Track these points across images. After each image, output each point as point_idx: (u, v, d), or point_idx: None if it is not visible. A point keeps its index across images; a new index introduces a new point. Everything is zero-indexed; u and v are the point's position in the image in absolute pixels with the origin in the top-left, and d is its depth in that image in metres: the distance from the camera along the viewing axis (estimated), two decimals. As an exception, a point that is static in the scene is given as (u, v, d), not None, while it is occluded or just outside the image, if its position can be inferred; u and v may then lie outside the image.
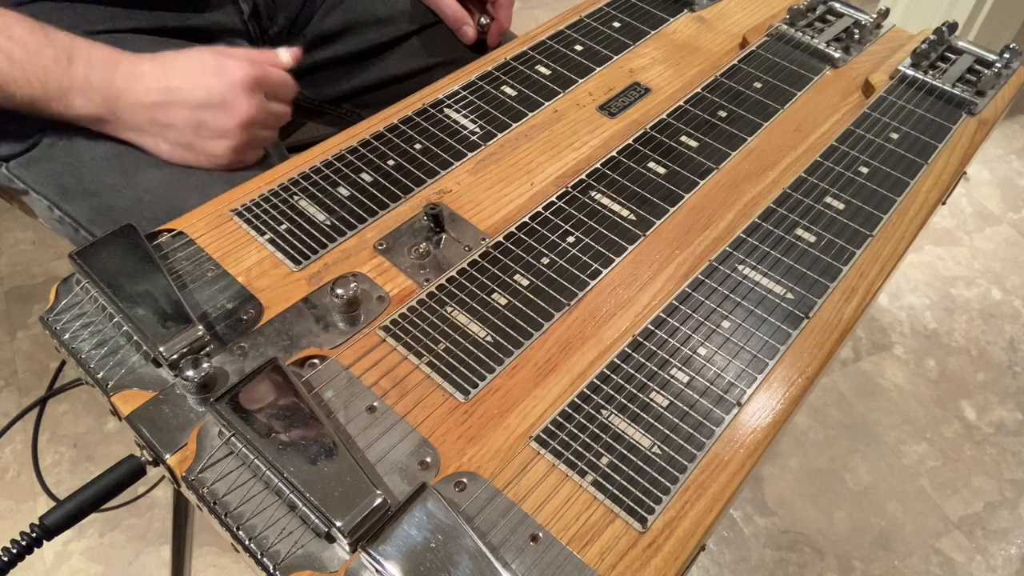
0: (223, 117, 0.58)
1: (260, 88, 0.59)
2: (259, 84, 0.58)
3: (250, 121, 0.59)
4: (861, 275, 0.54)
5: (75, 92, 0.56)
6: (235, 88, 0.57)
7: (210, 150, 0.59)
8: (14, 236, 1.41)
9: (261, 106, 0.59)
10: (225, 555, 1.05)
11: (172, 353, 0.44)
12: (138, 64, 0.57)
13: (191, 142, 0.59)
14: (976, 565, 1.11)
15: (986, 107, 0.68)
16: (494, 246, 0.53)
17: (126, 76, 0.57)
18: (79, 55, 0.56)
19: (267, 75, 0.59)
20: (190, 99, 0.57)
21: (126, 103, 0.57)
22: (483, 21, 0.79)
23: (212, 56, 0.58)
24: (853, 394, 1.29)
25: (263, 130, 0.61)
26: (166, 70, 0.57)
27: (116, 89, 0.56)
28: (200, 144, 0.59)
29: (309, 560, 0.39)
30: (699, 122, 0.64)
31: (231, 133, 0.58)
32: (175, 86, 0.57)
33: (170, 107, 0.57)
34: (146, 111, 0.57)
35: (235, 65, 0.58)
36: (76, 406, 1.19)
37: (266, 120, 0.61)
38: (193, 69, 0.57)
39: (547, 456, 0.43)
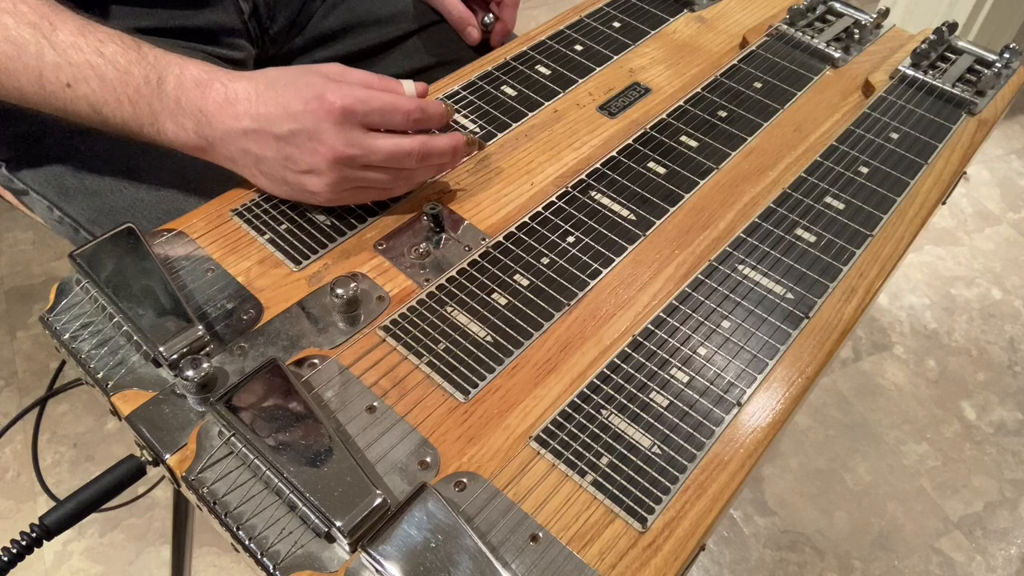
0: (308, 152, 0.50)
1: (353, 119, 0.50)
2: (351, 115, 0.50)
3: (338, 158, 0.50)
4: (861, 275, 0.54)
5: (166, 116, 0.51)
6: (321, 118, 0.49)
7: (305, 186, 0.52)
8: (14, 236, 1.41)
9: (353, 141, 0.50)
10: (225, 555, 1.05)
11: (172, 353, 0.44)
12: (232, 84, 0.51)
13: (284, 177, 0.52)
14: (976, 565, 1.11)
15: (986, 107, 0.68)
16: (494, 246, 0.53)
17: (218, 99, 0.51)
18: (169, 74, 0.51)
19: (367, 105, 0.51)
20: (277, 130, 0.50)
21: (217, 130, 0.51)
22: (487, 20, 0.79)
23: (312, 79, 0.51)
24: (853, 394, 1.29)
25: (364, 170, 0.52)
26: (260, 92, 0.51)
27: (207, 114, 0.50)
28: (294, 179, 0.52)
29: (309, 560, 0.39)
30: (699, 122, 0.64)
31: (320, 170, 0.51)
32: (264, 113, 0.50)
33: (259, 137, 0.50)
34: (237, 140, 0.51)
35: (331, 91, 0.50)
36: (76, 406, 1.19)
37: (364, 157, 0.51)
38: (286, 94, 0.50)
39: (547, 456, 0.43)
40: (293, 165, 0.51)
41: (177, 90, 0.51)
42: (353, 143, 0.50)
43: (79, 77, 0.50)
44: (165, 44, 0.67)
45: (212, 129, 0.51)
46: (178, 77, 0.51)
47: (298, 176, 0.51)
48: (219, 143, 0.51)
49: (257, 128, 0.50)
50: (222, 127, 0.50)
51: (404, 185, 0.55)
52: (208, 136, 0.51)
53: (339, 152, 0.50)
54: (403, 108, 0.52)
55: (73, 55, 0.50)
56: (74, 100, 0.51)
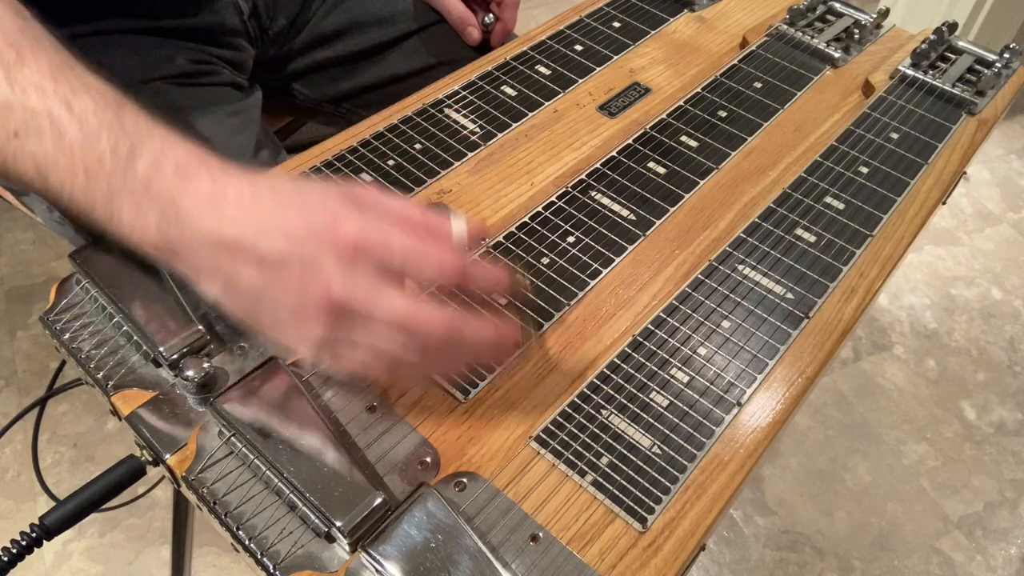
0: (295, 287, 0.37)
1: (367, 259, 0.37)
2: (364, 251, 0.36)
3: (333, 304, 0.36)
4: (861, 275, 0.54)
5: (125, 198, 0.38)
6: (324, 247, 0.36)
7: (282, 329, 0.39)
8: (14, 236, 1.41)
9: (357, 286, 0.36)
10: (225, 555, 1.05)
11: (172, 353, 0.44)
12: (224, 179, 0.38)
13: (257, 312, 0.39)
14: (976, 565, 1.11)
15: (986, 107, 0.68)
16: (494, 246, 0.53)
17: (200, 194, 0.38)
18: (146, 148, 0.39)
19: (388, 242, 0.37)
20: (264, 248, 0.36)
21: (187, 233, 0.38)
22: (487, 20, 0.79)
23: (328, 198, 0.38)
24: (853, 394, 1.29)
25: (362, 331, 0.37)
26: (255, 197, 0.38)
27: (180, 210, 0.37)
28: (269, 318, 0.39)
29: (309, 560, 0.39)
30: (699, 122, 0.64)
31: (306, 314, 0.37)
32: (253, 224, 0.37)
33: (239, 253, 0.37)
34: (209, 252, 0.37)
35: (347, 217, 0.37)
36: (76, 406, 1.19)
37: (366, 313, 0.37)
38: (289, 207, 0.37)
39: (547, 456, 0.43)
40: (273, 300, 0.38)
41: (151, 170, 0.38)
42: (357, 289, 0.36)
43: (32, 127, 0.38)
44: (164, 44, 0.67)
45: (181, 230, 0.37)
46: (156, 155, 0.39)
47: (275, 316, 0.38)
48: (185, 250, 0.38)
49: (238, 241, 0.37)
50: (195, 230, 0.37)
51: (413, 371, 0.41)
52: (173, 238, 0.38)
53: (336, 296, 0.36)
54: (435, 259, 0.37)
55: (32, 98, 0.38)
56: (17, 156, 0.39)
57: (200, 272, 0.39)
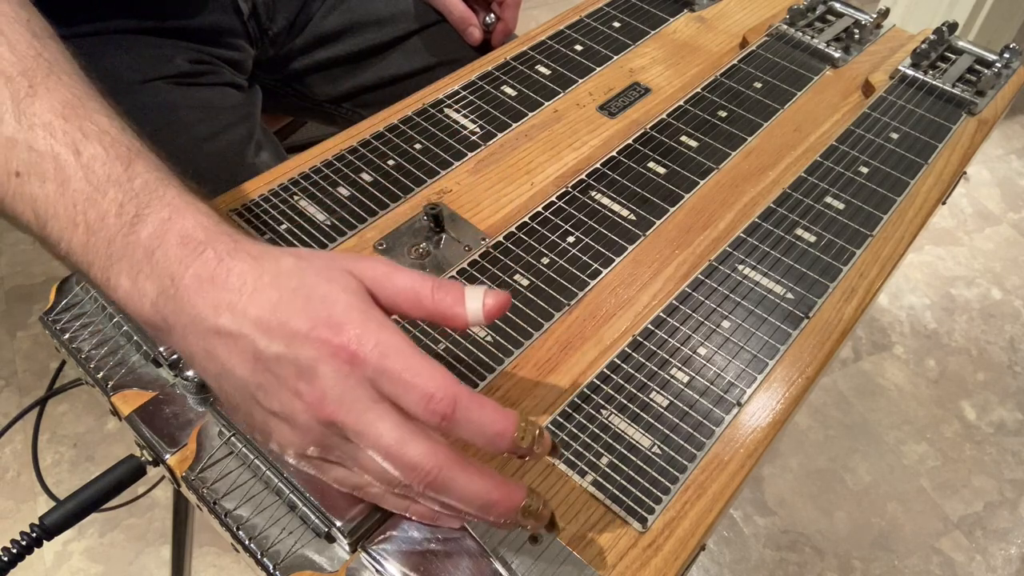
0: (288, 391, 0.34)
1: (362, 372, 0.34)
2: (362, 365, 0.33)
3: (323, 417, 0.34)
4: (861, 275, 0.54)
5: (124, 267, 0.36)
6: (317, 349, 0.33)
7: (270, 431, 0.37)
8: (14, 236, 1.41)
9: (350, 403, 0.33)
10: (225, 555, 1.05)
11: (172, 353, 0.44)
12: (230, 259, 0.35)
13: (248, 408, 0.37)
14: (976, 565, 1.11)
15: (986, 107, 0.68)
16: (494, 246, 0.53)
17: (202, 272, 0.35)
18: (153, 213, 0.36)
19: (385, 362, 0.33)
20: (259, 347, 0.34)
21: (184, 314, 0.35)
22: (488, 20, 0.79)
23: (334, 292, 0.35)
24: (853, 394, 1.29)
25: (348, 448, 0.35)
26: (260, 285, 0.35)
27: (180, 287, 0.35)
28: (259, 417, 0.36)
29: (309, 560, 0.39)
30: (699, 122, 0.64)
31: (295, 422, 0.35)
32: (254, 316, 0.34)
33: (235, 344, 0.35)
34: (204, 337, 0.35)
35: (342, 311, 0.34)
36: (76, 406, 1.19)
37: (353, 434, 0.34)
38: (293, 301, 0.34)
39: (547, 456, 0.43)
40: (264, 399, 0.35)
41: (154, 239, 0.36)
42: (350, 407, 0.33)
43: (35, 170, 0.36)
44: (163, 45, 0.67)
45: (177, 309, 0.35)
46: (162, 224, 0.36)
47: (266, 416, 0.36)
48: (178, 328, 0.36)
49: (236, 332, 0.34)
50: (192, 314, 0.35)
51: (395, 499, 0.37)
52: (168, 317, 0.36)
53: (327, 411, 0.33)
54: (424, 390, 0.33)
55: (40, 138, 0.36)
56: (16, 196, 0.37)
57: (193, 355, 0.37)
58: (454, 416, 0.33)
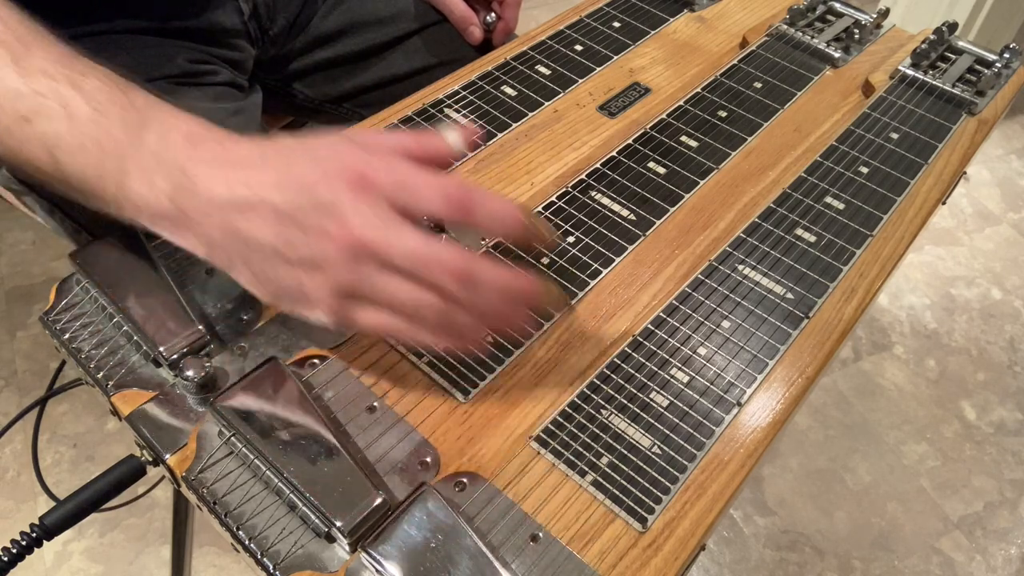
0: (315, 233, 0.36)
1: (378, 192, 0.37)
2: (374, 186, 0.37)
3: (354, 244, 0.36)
4: (861, 275, 0.54)
5: (137, 171, 0.39)
6: (339, 188, 0.36)
7: (303, 286, 0.38)
8: (14, 236, 1.41)
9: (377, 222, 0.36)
10: (225, 555, 1.05)
11: (172, 353, 0.44)
12: (230, 144, 0.39)
13: (277, 273, 0.38)
14: (976, 565, 1.11)
15: (986, 107, 0.68)
16: (494, 246, 0.53)
17: (207, 159, 0.38)
18: (155, 121, 0.39)
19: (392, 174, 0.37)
20: (279, 200, 0.36)
21: (199, 198, 0.38)
22: (489, 20, 0.79)
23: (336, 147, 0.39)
24: (853, 394, 1.29)
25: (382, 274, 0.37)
26: (265, 157, 0.38)
27: (191, 175, 0.38)
28: (289, 277, 0.38)
29: (309, 560, 0.39)
30: (699, 122, 0.64)
31: (328, 261, 0.37)
32: (266, 180, 0.37)
33: (254, 211, 0.37)
34: (222, 214, 0.37)
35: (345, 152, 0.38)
36: (76, 406, 1.19)
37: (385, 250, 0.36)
38: (300, 161, 0.38)
39: (547, 456, 0.43)
40: (292, 252, 0.37)
41: (160, 143, 0.39)
42: (376, 226, 0.36)
43: (42, 111, 0.39)
44: (164, 44, 0.67)
45: (192, 196, 0.38)
46: (165, 126, 0.39)
47: (296, 272, 0.38)
48: (197, 215, 0.38)
49: (253, 199, 0.37)
50: (207, 195, 0.37)
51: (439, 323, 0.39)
52: (184, 205, 0.38)
53: (357, 235, 0.36)
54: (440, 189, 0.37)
55: (41, 83, 0.39)
56: (27, 140, 0.39)
57: (213, 240, 0.39)
58: (471, 204, 0.37)
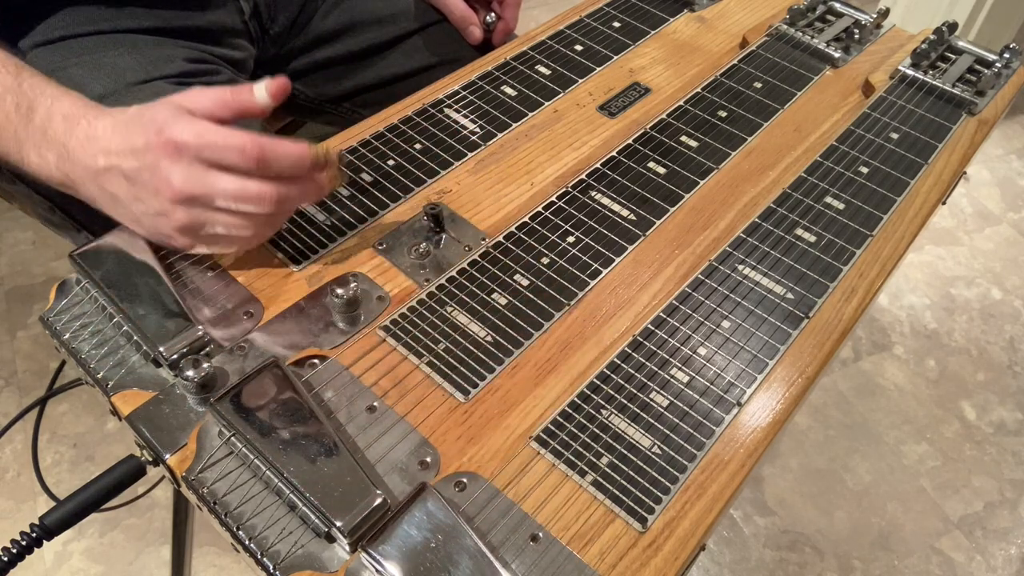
0: (152, 191, 0.46)
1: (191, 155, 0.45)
2: (186, 150, 0.45)
3: (179, 198, 0.46)
4: (861, 275, 0.54)
5: (30, 146, 0.49)
6: (160, 155, 0.45)
7: (159, 228, 0.48)
8: (14, 236, 1.41)
9: (192, 179, 0.45)
10: (225, 555, 1.05)
11: (172, 353, 0.44)
12: (96, 121, 0.48)
13: (140, 219, 0.48)
14: (976, 565, 1.11)
15: (986, 107, 0.68)
16: (494, 246, 0.53)
17: (80, 136, 0.48)
18: (40, 105, 0.49)
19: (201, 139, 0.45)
20: (124, 168, 0.47)
21: (77, 168, 0.48)
22: (489, 20, 0.79)
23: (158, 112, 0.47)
24: (853, 394, 1.29)
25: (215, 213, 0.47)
26: (115, 128, 0.47)
27: (69, 150, 0.48)
28: (149, 222, 0.48)
29: (309, 560, 0.39)
30: (699, 122, 0.64)
31: (166, 211, 0.47)
32: (114, 149, 0.47)
33: (111, 176, 0.47)
34: (95, 179, 0.48)
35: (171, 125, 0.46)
36: (76, 406, 1.19)
37: (207, 198, 0.46)
38: (134, 129, 0.47)
39: (547, 456, 0.43)
40: (143, 206, 0.47)
41: (45, 122, 0.49)
42: (193, 181, 0.45)
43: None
44: (164, 44, 0.67)
45: (73, 166, 0.48)
46: (48, 109, 0.49)
47: (152, 219, 0.48)
48: (79, 181, 0.49)
49: (109, 166, 0.47)
50: (81, 165, 0.48)
51: (268, 229, 0.50)
52: (69, 173, 0.49)
53: (178, 191, 0.45)
54: (233, 145, 0.45)
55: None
56: None
57: (96, 197, 0.49)
58: (264, 155, 0.45)
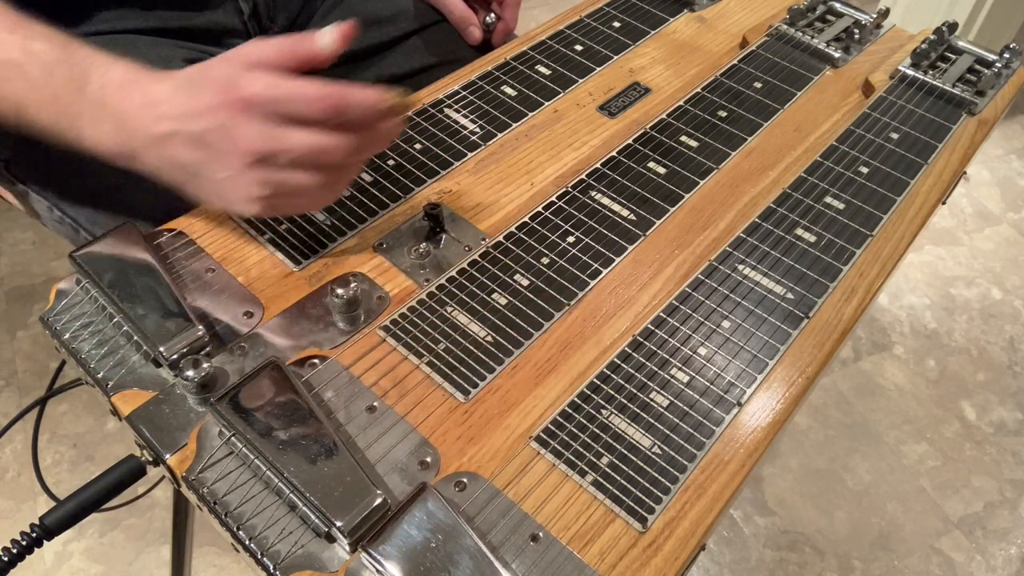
0: (223, 151, 0.45)
1: (263, 110, 0.44)
2: (257, 105, 0.44)
3: (252, 154, 0.44)
4: (861, 275, 0.54)
5: (86, 120, 0.47)
6: (233, 111, 0.44)
7: (227, 193, 0.47)
8: (14, 236, 1.41)
9: (266, 134, 0.44)
10: (225, 555, 1.05)
11: (172, 353, 0.44)
12: (154, 85, 0.46)
13: (207, 187, 0.47)
14: (976, 565, 1.11)
15: (986, 107, 0.68)
16: (494, 246, 0.53)
17: (138, 101, 0.46)
18: (94, 74, 0.46)
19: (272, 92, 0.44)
20: (193, 128, 0.45)
21: (138, 136, 0.46)
22: (488, 20, 0.79)
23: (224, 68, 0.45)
24: (853, 394, 1.29)
25: (287, 171, 0.45)
26: (177, 90, 0.46)
27: (128, 118, 0.46)
28: (216, 188, 0.47)
29: (309, 560, 0.39)
30: (699, 122, 0.64)
31: (238, 171, 0.45)
32: (180, 112, 0.45)
33: (177, 140, 0.45)
34: (158, 147, 0.46)
35: (243, 80, 0.44)
36: (76, 406, 1.19)
37: (282, 154, 0.44)
38: (200, 88, 0.45)
39: (547, 456, 0.43)
40: (211, 170, 0.45)
41: (100, 92, 0.46)
42: (265, 137, 0.44)
43: (4, 75, 0.47)
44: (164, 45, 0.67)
45: (133, 135, 0.46)
46: (102, 78, 0.46)
47: (222, 184, 0.46)
48: (141, 150, 0.47)
49: (174, 130, 0.45)
50: (143, 133, 0.46)
51: (340, 184, 0.49)
52: (128, 143, 0.46)
53: (250, 149, 0.44)
54: (308, 96, 0.44)
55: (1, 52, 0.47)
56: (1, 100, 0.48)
57: (159, 167, 0.47)
58: (341, 104, 0.44)
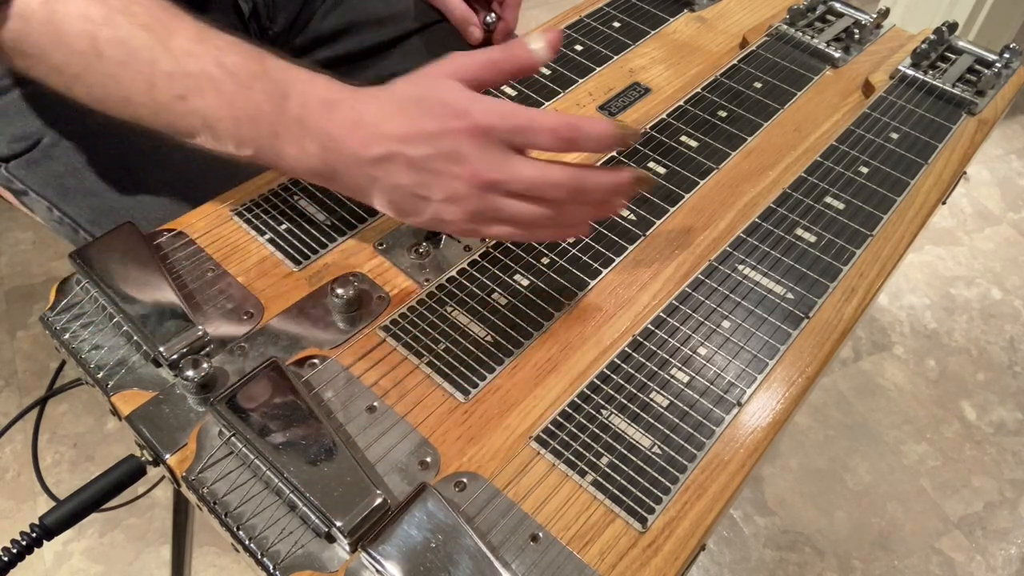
0: (447, 177, 0.44)
1: (495, 138, 0.44)
2: (492, 133, 0.43)
3: (481, 183, 0.44)
4: (861, 275, 0.54)
5: (288, 139, 0.45)
6: (462, 138, 0.43)
7: (440, 215, 0.46)
8: (14, 236, 1.41)
9: (496, 164, 0.44)
10: (225, 555, 1.05)
11: (172, 353, 0.44)
12: (360, 106, 0.45)
13: (417, 207, 0.46)
14: (976, 565, 1.11)
15: (986, 107, 0.68)
16: (494, 246, 0.53)
17: (344, 122, 0.45)
18: (294, 91, 0.45)
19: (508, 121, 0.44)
20: (412, 153, 0.44)
21: (344, 157, 0.45)
22: (489, 20, 0.79)
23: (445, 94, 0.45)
24: (853, 394, 1.29)
25: (507, 199, 0.45)
26: (389, 114, 0.45)
27: (335, 138, 0.45)
28: (428, 209, 0.46)
29: (309, 560, 0.39)
30: (699, 122, 0.64)
31: (460, 197, 0.45)
32: (396, 135, 0.44)
33: (391, 164, 0.45)
34: (366, 168, 0.45)
35: (474, 107, 0.44)
36: (76, 406, 1.19)
37: (508, 184, 0.44)
38: (419, 113, 0.44)
39: (547, 456, 0.43)
40: (428, 192, 0.45)
41: (302, 110, 0.45)
42: (495, 166, 0.44)
43: (194, 89, 0.45)
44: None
45: (339, 156, 0.45)
46: (303, 95, 0.46)
47: (434, 205, 0.45)
48: (345, 171, 0.46)
49: (389, 154, 0.44)
50: (350, 153, 0.45)
51: (553, 225, 0.47)
52: (333, 163, 0.46)
53: (483, 177, 0.44)
54: (544, 127, 0.44)
55: (190, 64, 0.45)
56: (186, 115, 0.46)
57: (362, 187, 0.47)
58: (577, 136, 0.44)
